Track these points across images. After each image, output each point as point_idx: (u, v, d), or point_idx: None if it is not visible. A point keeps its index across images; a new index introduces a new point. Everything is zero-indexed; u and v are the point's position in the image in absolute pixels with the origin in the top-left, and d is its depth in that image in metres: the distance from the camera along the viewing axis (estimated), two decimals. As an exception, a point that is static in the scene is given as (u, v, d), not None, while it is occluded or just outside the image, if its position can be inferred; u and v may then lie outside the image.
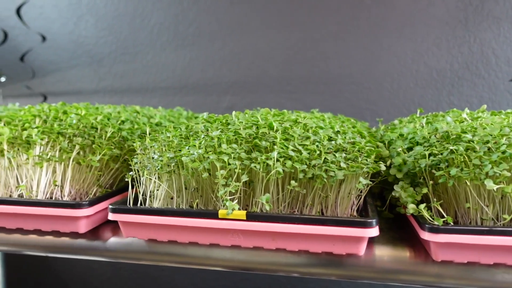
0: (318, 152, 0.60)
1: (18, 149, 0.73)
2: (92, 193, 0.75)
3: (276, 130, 0.66)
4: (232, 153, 0.60)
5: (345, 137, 0.66)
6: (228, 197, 0.59)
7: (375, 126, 1.31)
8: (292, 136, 0.64)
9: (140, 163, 0.68)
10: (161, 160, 0.64)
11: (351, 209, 0.63)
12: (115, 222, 0.69)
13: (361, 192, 0.63)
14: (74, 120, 0.79)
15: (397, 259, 0.60)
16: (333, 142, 0.63)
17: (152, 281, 1.74)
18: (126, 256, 0.67)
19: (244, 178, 0.58)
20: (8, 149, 0.73)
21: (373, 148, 0.63)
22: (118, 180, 0.80)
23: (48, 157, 0.71)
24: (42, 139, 0.73)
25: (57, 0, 1.77)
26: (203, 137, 0.65)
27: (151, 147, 0.70)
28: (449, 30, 1.45)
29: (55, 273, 1.78)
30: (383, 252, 0.60)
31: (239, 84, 1.65)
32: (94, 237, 0.69)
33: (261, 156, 0.60)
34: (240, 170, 0.59)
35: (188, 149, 0.63)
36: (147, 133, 0.76)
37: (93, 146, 0.74)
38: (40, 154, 0.72)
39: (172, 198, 0.66)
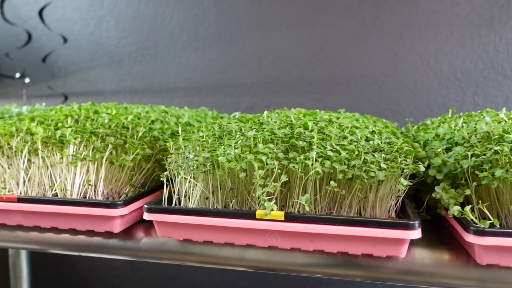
0: (356, 152, 0.59)
1: (52, 149, 0.73)
2: (124, 193, 0.75)
3: (311, 130, 0.65)
4: (270, 153, 0.60)
5: (381, 137, 0.65)
6: (266, 198, 0.58)
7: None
8: (329, 136, 0.63)
9: (174, 162, 0.67)
10: (197, 160, 0.63)
11: (389, 211, 0.62)
12: (148, 221, 0.69)
13: (399, 193, 0.62)
14: (106, 120, 0.78)
15: (438, 262, 0.58)
16: (370, 142, 0.62)
17: (171, 280, 1.75)
18: (160, 256, 0.67)
19: (284, 178, 0.57)
20: (42, 149, 0.73)
21: (412, 149, 0.62)
22: (149, 180, 0.79)
23: (82, 156, 0.71)
24: (75, 139, 0.73)
25: (78, 2, 1.79)
26: (239, 137, 0.64)
27: (184, 146, 0.69)
28: (474, 29, 1.42)
29: (77, 272, 1.79)
30: (422, 255, 0.59)
31: (260, 85, 1.64)
32: (128, 237, 0.69)
33: (299, 156, 0.59)
34: (278, 171, 0.58)
35: (224, 148, 0.62)
36: (179, 132, 0.76)
37: (126, 145, 0.74)
38: (74, 153, 0.72)
39: (207, 198, 0.65)
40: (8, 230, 0.73)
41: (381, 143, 0.62)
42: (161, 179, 0.68)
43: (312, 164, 0.57)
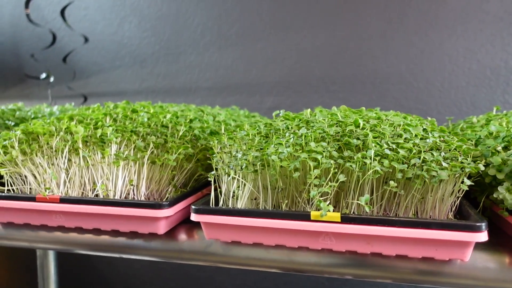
0: (414, 151, 0.57)
1: (94, 148, 0.72)
2: (166, 194, 0.73)
3: (362, 128, 0.63)
4: (324, 151, 0.58)
5: (434, 136, 0.63)
6: (321, 198, 0.56)
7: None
8: (382, 134, 0.61)
9: (222, 162, 0.66)
10: (246, 159, 0.61)
11: (448, 212, 0.60)
12: (190, 223, 0.68)
13: (459, 193, 0.59)
14: (145, 119, 0.77)
15: (501, 266, 0.56)
16: (427, 140, 0.60)
17: (193, 282, 1.73)
18: (205, 258, 0.65)
19: (342, 178, 0.55)
20: (82, 148, 0.72)
21: (471, 147, 0.60)
22: (191, 180, 0.78)
23: (124, 156, 0.70)
24: (116, 138, 0.71)
25: (101, 2, 1.78)
26: (289, 135, 0.63)
27: (230, 145, 0.68)
28: (504, 26, 1.39)
29: (99, 272, 1.79)
30: (484, 258, 0.57)
31: (283, 84, 1.62)
32: (172, 238, 0.67)
33: (354, 154, 0.57)
34: (335, 170, 0.56)
35: (275, 147, 0.60)
36: (222, 131, 0.74)
37: (167, 144, 0.73)
38: (117, 152, 0.70)
39: (255, 199, 0.64)
40: (48, 231, 0.72)
41: (437, 141, 0.60)
42: (209, 179, 0.66)
43: (371, 163, 0.55)
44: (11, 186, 0.75)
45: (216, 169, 0.68)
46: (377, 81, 1.52)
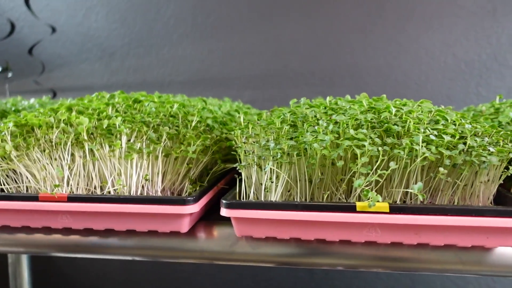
0: (457, 136, 0.55)
1: (102, 140, 0.65)
2: (182, 188, 0.68)
3: (395, 115, 0.61)
4: (367, 139, 0.55)
5: (467, 122, 0.61)
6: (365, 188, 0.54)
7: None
8: (420, 120, 0.59)
9: (251, 152, 0.61)
10: (280, 148, 0.57)
11: (488, 199, 0.59)
12: (206, 219, 0.63)
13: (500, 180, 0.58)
14: (153, 108, 0.71)
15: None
16: (466, 126, 0.59)
17: (170, 283, 1.66)
18: (235, 257, 0.60)
19: (392, 165, 0.53)
20: (89, 141, 0.65)
21: (509, 132, 0.59)
22: (203, 173, 0.73)
23: (138, 148, 0.64)
24: (126, 129, 0.65)
25: (64, -10, 1.67)
26: (322, 123, 0.59)
27: (256, 135, 0.63)
28: (477, 21, 1.43)
29: (67, 278, 1.68)
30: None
31: (261, 78, 1.59)
32: (195, 236, 0.62)
33: (398, 141, 0.55)
34: (385, 157, 0.54)
35: (311, 135, 0.57)
36: (242, 120, 0.70)
37: (181, 135, 0.67)
38: (130, 145, 0.64)
39: (288, 191, 0.60)
40: (50, 234, 0.65)
41: (475, 127, 0.59)
42: (238, 170, 0.61)
43: (419, 150, 0.53)
44: (3, 185, 0.67)
45: (240, 160, 0.63)
46: (356, 75, 1.52)
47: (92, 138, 0.66)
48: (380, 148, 0.53)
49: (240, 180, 0.64)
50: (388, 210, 0.53)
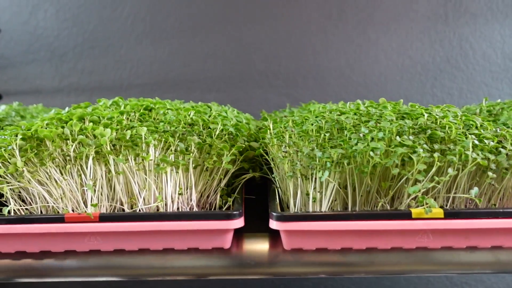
0: (496, 140, 0.58)
1: (128, 152, 0.59)
2: (213, 201, 0.64)
3: (428, 119, 0.62)
4: (418, 145, 0.55)
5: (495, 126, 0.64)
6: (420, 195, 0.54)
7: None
8: (456, 124, 0.61)
9: (290, 161, 0.59)
10: (329, 157, 0.56)
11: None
12: (239, 231, 0.60)
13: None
14: (173, 117, 0.67)
15: None
16: (497, 130, 0.61)
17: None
18: (284, 271, 0.58)
19: (451, 171, 0.53)
20: (114, 153, 0.59)
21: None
22: (229, 184, 0.69)
23: (173, 160, 0.60)
24: (154, 139, 0.61)
25: (6, -14, 1.53)
26: (362, 130, 0.59)
27: (294, 143, 0.62)
28: (431, 25, 1.51)
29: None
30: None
31: (224, 80, 1.56)
32: (240, 252, 0.59)
33: (443, 147, 0.56)
34: (443, 163, 0.54)
35: (362, 142, 0.56)
36: (270, 127, 0.68)
37: (207, 145, 0.63)
38: (162, 156, 0.59)
39: (335, 200, 0.59)
40: (78, 259, 0.58)
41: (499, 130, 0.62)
42: (275, 179, 0.59)
43: (470, 155, 0.54)
44: (14, 205, 0.59)
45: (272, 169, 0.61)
46: (319, 76, 1.54)
47: (114, 150, 0.60)
48: (435, 154, 0.54)
49: (274, 190, 0.62)
50: (442, 216, 0.54)
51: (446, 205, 0.58)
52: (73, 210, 0.59)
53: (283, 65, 1.54)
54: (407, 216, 0.54)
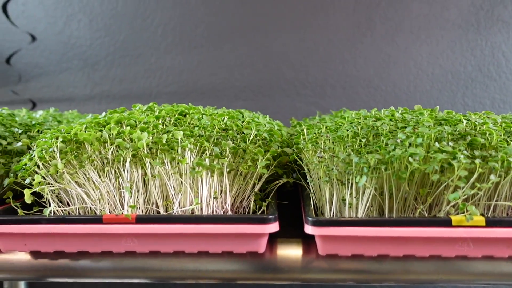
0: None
1: (164, 156, 0.60)
2: (247, 205, 0.64)
3: (467, 125, 0.61)
4: (458, 151, 0.54)
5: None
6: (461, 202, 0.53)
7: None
8: (495, 130, 0.59)
9: (325, 167, 0.59)
10: (366, 162, 0.56)
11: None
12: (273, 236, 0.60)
13: None
14: (207, 122, 0.67)
15: None
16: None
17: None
18: (318, 277, 0.58)
19: (493, 178, 0.52)
20: (151, 157, 0.60)
21: None
22: (266, 189, 0.69)
23: (208, 164, 0.60)
24: (190, 143, 0.61)
25: (42, -3, 1.58)
26: (400, 136, 0.58)
27: (329, 148, 0.61)
28: (462, 33, 1.48)
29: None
30: None
31: (252, 88, 1.57)
32: (275, 256, 0.59)
33: (485, 153, 0.55)
34: (485, 170, 0.53)
35: (400, 148, 0.55)
36: (305, 133, 0.68)
37: (241, 150, 0.64)
38: (198, 160, 0.60)
39: (371, 207, 0.58)
40: (113, 260, 0.59)
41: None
42: (310, 184, 0.59)
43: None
44: (54, 207, 0.60)
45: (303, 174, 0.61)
46: (347, 85, 1.54)
47: (151, 153, 0.61)
48: (476, 161, 0.53)
49: (308, 196, 0.62)
50: (484, 224, 0.52)
51: (487, 213, 0.57)
52: (110, 212, 0.60)
53: (311, 74, 1.54)
54: (447, 223, 0.52)
